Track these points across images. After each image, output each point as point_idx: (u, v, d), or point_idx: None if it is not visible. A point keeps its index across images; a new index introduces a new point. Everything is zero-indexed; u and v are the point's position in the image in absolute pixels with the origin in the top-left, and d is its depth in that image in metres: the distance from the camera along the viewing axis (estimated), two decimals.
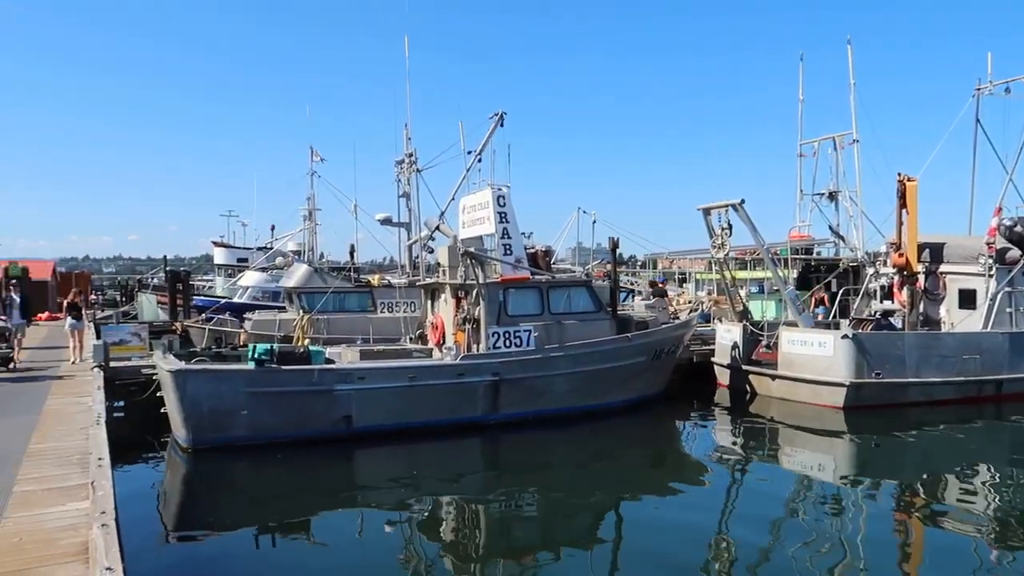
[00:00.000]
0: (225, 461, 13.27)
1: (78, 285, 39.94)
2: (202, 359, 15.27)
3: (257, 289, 35.97)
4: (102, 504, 6.05)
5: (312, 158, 33.99)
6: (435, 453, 14.63)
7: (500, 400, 15.66)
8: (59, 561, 5.37)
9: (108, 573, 4.58)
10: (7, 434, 9.64)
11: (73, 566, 5.26)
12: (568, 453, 15.18)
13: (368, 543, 10.04)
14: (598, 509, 11.55)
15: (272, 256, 41.59)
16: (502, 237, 16.48)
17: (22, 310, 18.55)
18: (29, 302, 19.91)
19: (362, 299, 26.37)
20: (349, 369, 14.84)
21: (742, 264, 30.87)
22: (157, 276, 57.47)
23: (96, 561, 4.94)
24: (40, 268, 44.53)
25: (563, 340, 16.49)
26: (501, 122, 18.67)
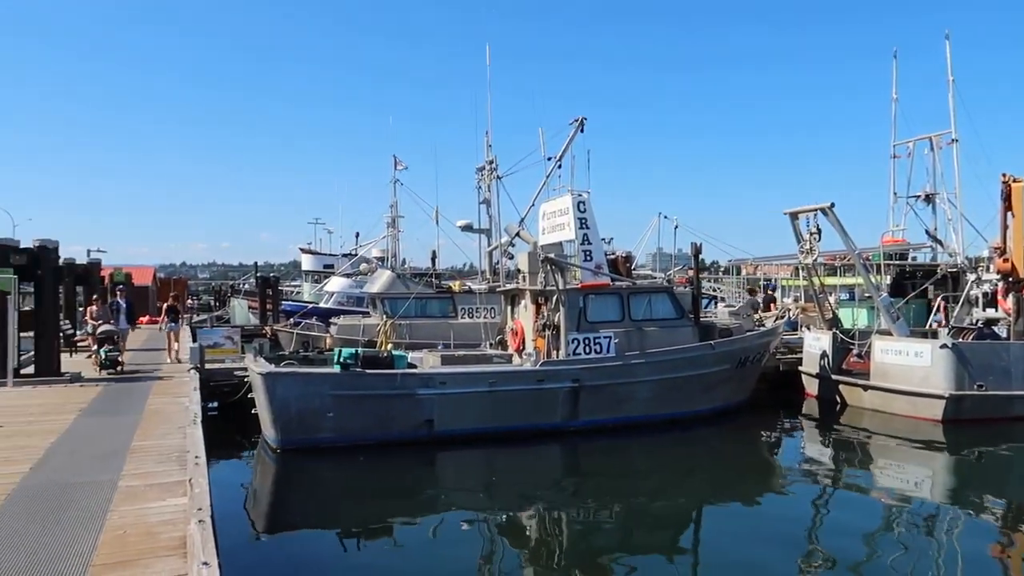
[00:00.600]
0: (312, 462, 13.65)
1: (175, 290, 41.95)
2: (290, 362, 15.77)
3: (342, 294, 36.96)
4: (199, 501, 6.31)
5: (395, 166, 34.72)
6: (515, 458, 14.66)
7: (580, 407, 15.58)
8: (159, 554, 5.61)
9: (204, 568, 4.77)
10: (114, 432, 10.18)
11: (172, 560, 5.50)
12: (649, 461, 14.97)
13: (448, 546, 10.12)
14: (680, 518, 11.34)
15: (357, 262, 42.63)
16: (582, 243, 16.44)
17: (128, 315, 19.43)
18: (134, 307, 21.02)
19: (443, 305, 26.73)
20: (431, 374, 15.04)
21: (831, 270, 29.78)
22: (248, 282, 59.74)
23: (193, 556, 5.14)
24: (141, 274, 47.02)
25: (644, 347, 16.29)
26: (581, 128, 18.62)
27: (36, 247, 15.83)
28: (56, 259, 16.85)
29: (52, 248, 16.25)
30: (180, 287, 57.09)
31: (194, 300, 66.64)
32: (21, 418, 11.37)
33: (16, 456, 8.82)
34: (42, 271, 15.78)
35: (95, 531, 6.15)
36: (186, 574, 5.15)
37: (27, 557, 5.61)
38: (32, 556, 5.63)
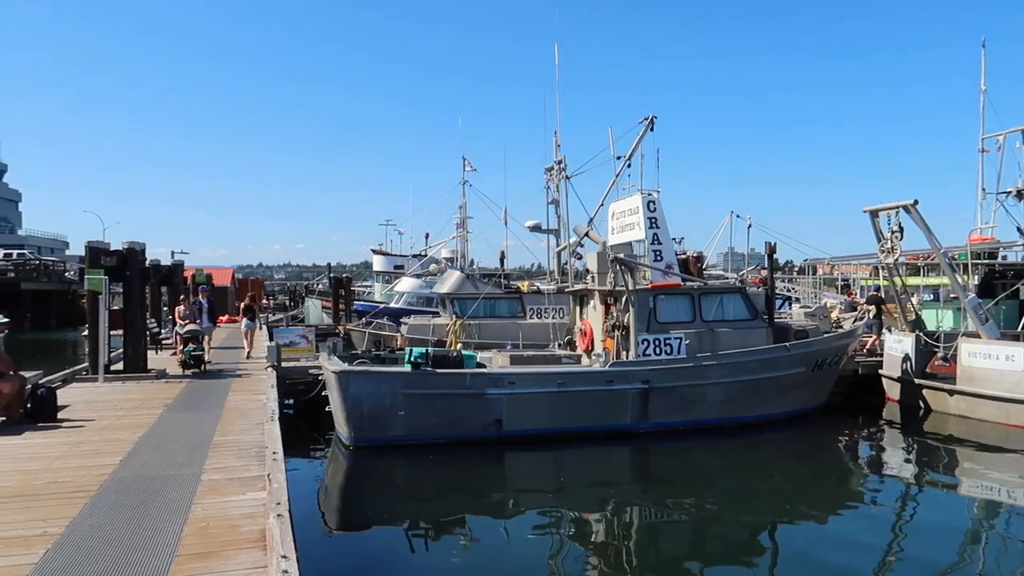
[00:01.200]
0: (384, 459, 13.88)
1: (253, 291, 43.34)
2: (363, 361, 16.08)
3: (412, 295, 37.46)
4: (277, 496, 6.49)
5: (464, 168, 35.00)
6: (583, 459, 14.59)
7: (650, 408, 15.40)
8: (240, 547, 5.80)
9: (283, 560, 4.91)
10: (197, 427, 10.58)
11: (252, 552, 5.67)
12: (721, 465, 14.68)
13: (516, 546, 10.14)
14: (753, 523, 11.06)
15: (426, 263, 43.17)
16: (652, 243, 16.25)
17: (209, 314, 20.03)
18: (215, 306, 21.76)
19: (512, 305, 26.80)
20: (500, 374, 15.10)
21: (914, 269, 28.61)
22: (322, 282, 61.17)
23: (273, 549, 5.29)
24: (221, 275, 48.73)
25: (716, 348, 15.99)
26: (651, 126, 18.38)
27: (125, 249, 16.56)
28: (143, 261, 17.61)
29: (139, 250, 16.99)
30: (257, 287, 59.05)
31: (270, 300, 68.71)
32: (112, 412, 11.93)
33: (108, 448, 9.26)
34: (130, 272, 16.50)
35: (180, 522, 6.39)
36: (266, 566, 5.30)
37: (119, 545, 5.87)
38: (123, 544, 5.89)
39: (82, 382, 15.51)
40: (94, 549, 5.79)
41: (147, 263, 19.17)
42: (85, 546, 5.85)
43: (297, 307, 59.18)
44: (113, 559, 5.59)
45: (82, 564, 5.49)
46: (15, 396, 10.97)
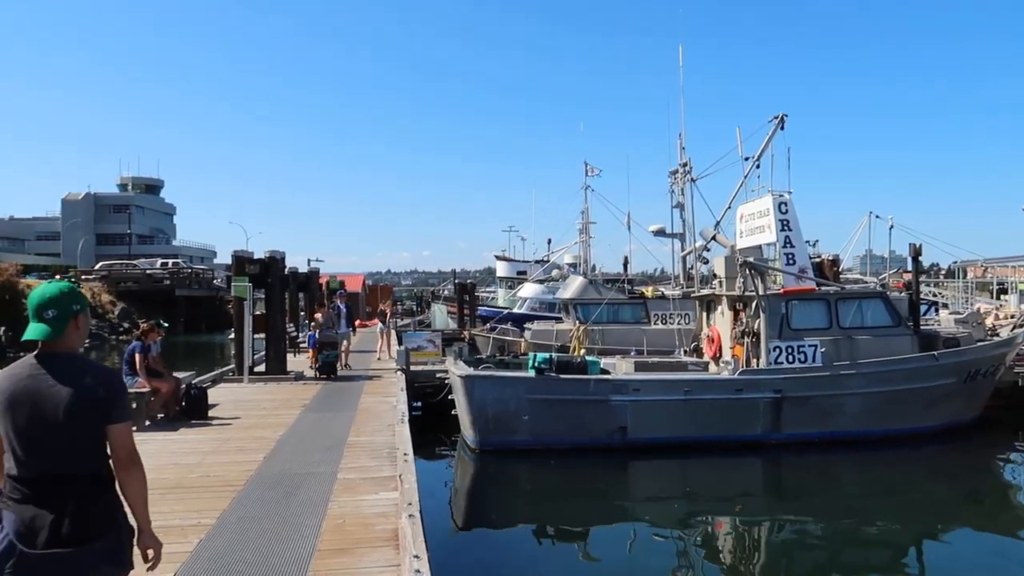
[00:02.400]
0: (508, 463, 14.02)
1: (382, 297, 45.00)
2: (488, 366, 16.30)
3: (535, 300, 37.65)
4: (409, 496, 6.66)
5: (586, 172, 34.85)
6: (711, 470, 14.17)
7: (783, 419, 14.74)
8: (374, 545, 5.99)
9: (416, 560, 5.02)
10: (334, 427, 11.05)
11: (385, 550, 5.84)
12: (861, 480, 13.85)
13: (640, 555, 9.97)
14: (895, 544, 10.37)
15: (548, 268, 43.32)
16: (784, 246, 15.55)
17: (347, 319, 20.41)
18: (352, 312, 22.71)
19: (636, 310, 26.40)
20: (624, 380, 14.91)
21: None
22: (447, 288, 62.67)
23: (405, 548, 5.43)
24: (353, 281, 50.89)
25: (855, 357, 15.10)
26: (781, 125, 17.60)
27: (267, 258, 17.60)
28: (283, 268, 18.66)
29: (280, 258, 18.00)
30: (386, 293, 61.30)
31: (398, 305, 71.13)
32: (256, 412, 12.67)
33: (252, 446, 9.83)
34: (271, 279, 17.51)
35: (319, 518, 6.68)
36: (399, 565, 5.43)
37: (263, 537, 6.20)
38: (268, 537, 6.21)
39: (229, 382, 16.59)
40: (242, 540, 6.14)
41: (286, 271, 20.28)
42: (234, 537, 6.21)
43: (424, 312, 60.91)
44: (259, 550, 5.91)
45: (231, 554, 5.83)
46: (171, 395, 11.86)
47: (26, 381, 3.11)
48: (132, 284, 53.55)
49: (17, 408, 3.06)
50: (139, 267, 58.83)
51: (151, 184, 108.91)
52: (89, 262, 71.93)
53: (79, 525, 3.01)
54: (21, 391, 3.09)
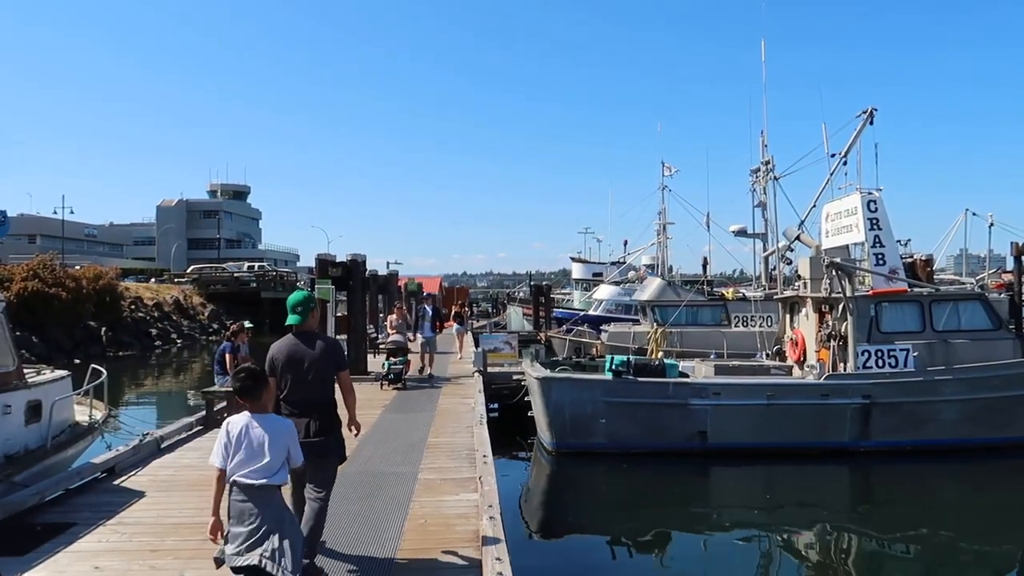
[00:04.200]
0: (585, 466, 13.93)
1: (459, 298, 45.50)
2: (564, 368, 16.26)
3: (611, 302, 37.41)
4: (489, 498, 6.70)
5: (663, 172, 34.39)
6: (796, 477, 13.73)
7: (872, 426, 14.17)
8: (456, 546, 6.05)
9: (498, 563, 5.04)
10: (413, 428, 11.23)
11: (467, 551, 5.89)
12: (958, 491, 13.18)
13: (719, 563, 9.75)
14: (990, 561, 9.80)
15: (624, 270, 42.97)
16: (873, 246, 14.95)
17: (433, 322, 18.72)
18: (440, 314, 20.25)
19: (715, 312, 25.91)
20: (704, 384, 14.62)
21: None
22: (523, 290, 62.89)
23: (486, 551, 5.46)
24: (430, 283, 51.65)
25: (951, 362, 14.39)
26: (871, 119, 16.93)
27: (349, 261, 18.04)
28: (364, 271, 19.09)
29: (361, 261, 18.43)
30: (463, 295, 61.94)
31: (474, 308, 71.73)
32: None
33: None
34: (353, 282, 17.94)
35: (401, 518, 6.80)
36: (480, 566, 5.47)
37: (348, 535, 6.35)
38: (353, 534, 6.36)
39: None
40: (328, 537, 6.28)
41: (366, 273, 20.73)
42: None
43: (500, 314, 61.29)
44: (345, 547, 6.06)
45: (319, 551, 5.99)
46: None
47: (293, 347, 5.51)
48: (221, 286, 55.69)
49: (291, 362, 5.45)
50: (227, 270, 61.22)
51: (238, 190, 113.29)
52: (182, 265, 75.31)
53: (321, 427, 5.42)
54: (291, 352, 5.48)
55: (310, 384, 5.41)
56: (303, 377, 5.40)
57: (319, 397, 5.45)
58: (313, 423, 5.35)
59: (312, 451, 5.08)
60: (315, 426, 5.35)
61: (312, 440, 5.23)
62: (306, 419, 5.32)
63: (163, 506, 7.19)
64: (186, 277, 57.15)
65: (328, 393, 5.54)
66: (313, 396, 5.42)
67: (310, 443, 5.13)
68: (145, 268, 69.72)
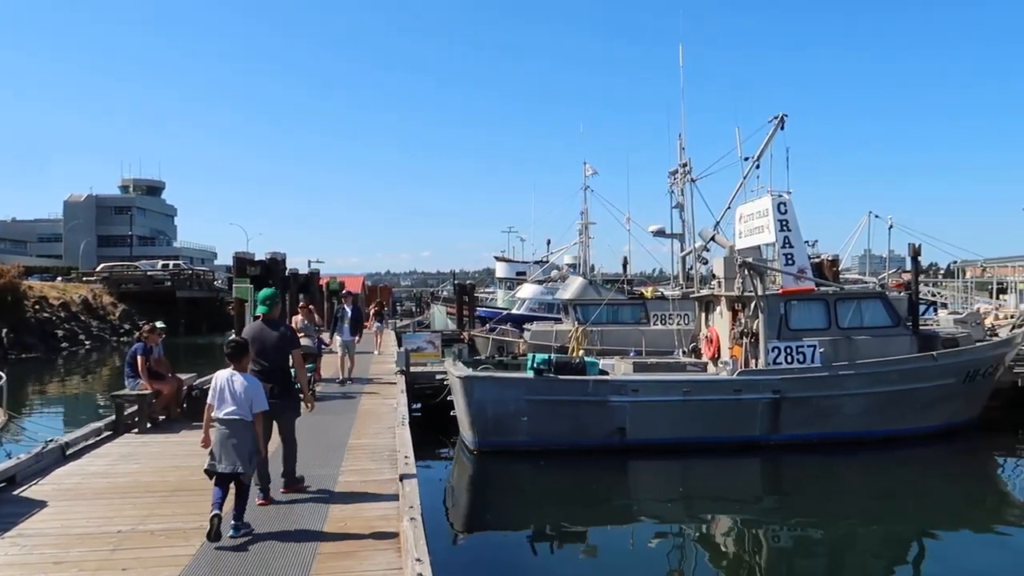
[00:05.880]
0: (507, 464, 14.05)
1: (381, 297, 45.05)
2: (487, 367, 16.34)
3: (534, 301, 37.70)
4: (410, 499, 6.70)
5: (585, 172, 34.93)
6: (710, 471, 14.21)
7: (781, 420, 14.79)
8: (376, 548, 6.03)
9: (418, 564, 5.06)
10: (334, 430, 11.06)
11: (388, 553, 5.88)
12: (860, 481, 13.89)
13: (638, 557, 10.02)
14: (892, 546, 10.40)
15: (548, 269, 43.37)
16: (783, 246, 15.59)
17: (353, 323, 16.90)
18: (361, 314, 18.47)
19: (635, 311, 26.45)
20: (623, 381, 14.96)
21: None
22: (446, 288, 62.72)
23: (407, 552, 5.47)
24: (353, 282, 50.92)
25: (854, 357, 15.15)
26: (781, 125, 17.66)
27: (268, 259, 17.68)
28: (284, 270, 18.73)
29: (281, 260, 18.08)
30: (386, 294, 61.33)
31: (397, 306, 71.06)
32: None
33: None
34: (272, 281, 17.59)
35: (320, 521, 6.73)
36: (401, 568, 5.48)
37: (266, 540, 6.24)
38: (271, 539, 6.25)
39: None
40: (243, 543, 6.18)
41: (287, 272, 20.32)
42: (237, 540, 6.25)
43: (423, 313, 60.95)
44: (261, 553, 5.95)
45: (232, 556, 5.88)
46: (173, 397, 11.90)
47: (260, 331, 7.47)
48: (133, 286, 53.46)
49: (257, 341, 7.31)
50: (140, 268, 58.83)
51: (152, 186, 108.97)
52: (91, 263, 71.97)
53: (281, 391, 7.31)
54: (259, 335, 7.41)
55: (271, 359, 7.32)
56: (266, 354, 7.30)
57: (277, 368, 7.39)
58: (274, 387, 7.14)
59: (275, 408, 7.06)
60: (277, 389, 7.19)
61: (272, 400, 6.97)
62: (269, 385, 7.00)
63: (67, 516, 6.90)
64: (95, 276, 54.55)
65: (285, 366, 7.53)
66: (273, 368, 7.32)
67: (273, 402, 6.97)
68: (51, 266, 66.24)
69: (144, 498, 7.50)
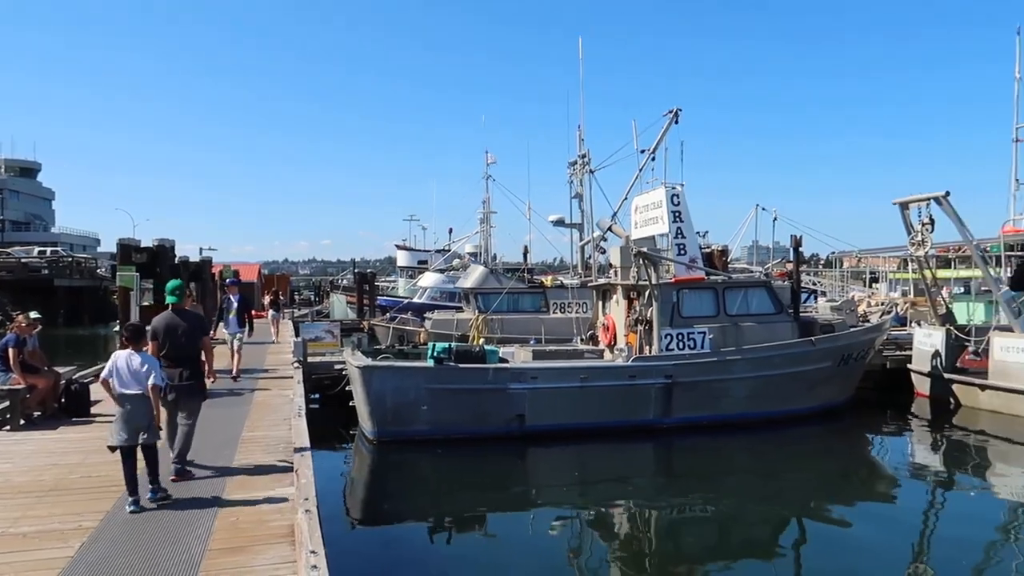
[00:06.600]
0: (407, 453, 13.98)
1: (278, 286, 43.83)
2: (386, 356, 16.20)
3: (435, 290, 37.59)
4: (305, 491, 6.59)
5: (487, 161, 35.04)
6: (606, 455, 14.60)
7: (673, 403, 15.35)
8: (270, 541, 5.91)
9: (312, 556, 5.00)
10: (226, 423, 10.71)
11: (281, 547, 5.77)
12: (745, 461, 14.62)
13: (537, 541, 10.20)
14: (776, 521, 11.02)
15: (450, 258, 43.31)
16: (676, 237, 16.14)
17: (240, 314, 15.87)
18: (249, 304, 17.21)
19: (535, 300, 26.81)
20: (522, 368, 15.15)
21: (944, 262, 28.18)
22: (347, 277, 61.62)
23: (301, 544, 5.39)
24: (248, 271, 49.28)
25: (740, 343, 15.89)
26: (676, 119, 18.25)
27: (155, 246, 16.87)
28: (173, 257, 17.92)
29: (169, 247, 17.29)
30: (283, 283, 59.64)
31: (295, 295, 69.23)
32: None
33: None
34: (161, 269, 16.81)
35: (211, 517, 6.52)
36: (295, 561, 5.39)
37: (151, 539, 6.01)
38: (156, 538, 6.02)
39: None
40: (127, 543, 5.93)
41: (176, 260, 19.46)
42: (119, 540, 5.99)
43: (322, 302, 59.69)
44: (146, 552, 5.73)
45: (116, 557, 5.63)
46: (50, 392, 11.21)
47: (170, 319, 7.86)
48: (5, 273, 49.85)
49: (168, 329, 7.78)
50: (14, 255, 54.87)
51: (26, 167, 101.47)
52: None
53: (190, 375, 7.83)
54: (169, 323, 7.82)
55: (182, 345, 7.81)
56: (177, 341, 7.77)
57: (188, 354, 7.88)
58: (184, 371, 7.76)
59: (183, 391, 7.75)
60: (186, 374, 7.78)
61: (184, 384, 7.71)
62: (179, 369, 7.71)
63: None
64: None
65: (194, 352, 7.98)
66: (183, 354, 7.82)
67: (182, 385, 7.72)
68: None
69: (16, 499, 7.07)
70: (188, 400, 7.86)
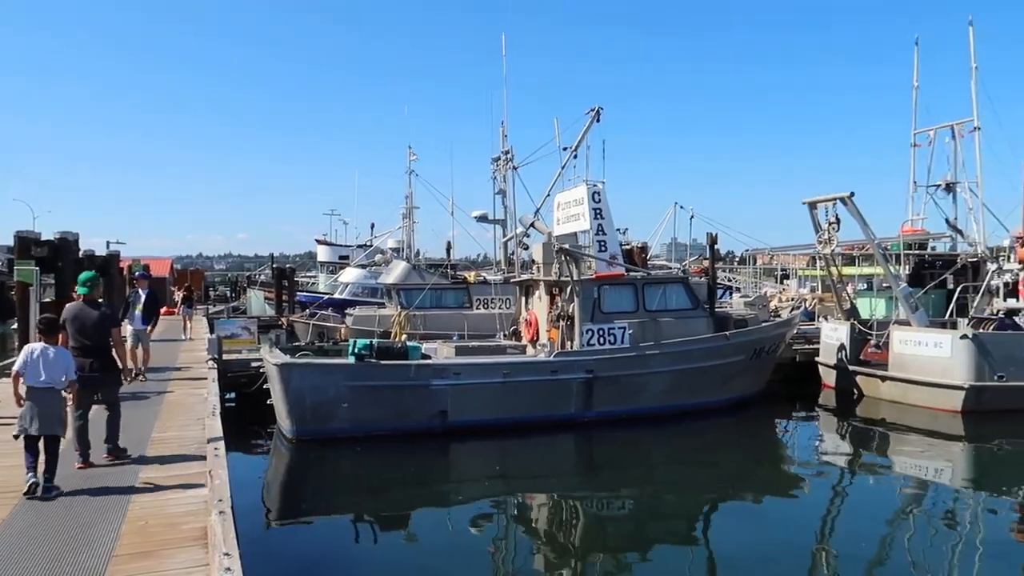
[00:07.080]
0: (327, 452, 13.74)
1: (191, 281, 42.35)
2: (305, 353, 15.86)
3: (357, 285, 37.02)
4: (219, 492, 6.37)
5: (409, 156, 34.71)
6: (528, 449, 14.71)
7: (594, 398, 15.59)
8: (181, 545, 5.69)
9: (226, 558, 4.83)
10: (135, 423, 10.22)
11: (194, 550, 5.57)
12: (663, 453, 14.98)
13: (460, 537, 10.20)
14: (693, 510, 11.36)
15: (371, 253, 42.73)
16: (597, 233, 16.38)
17: (148, 310, 14.05)
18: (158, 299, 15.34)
19: (458, 295, 26.73)
20: (445, 365, 15.09)
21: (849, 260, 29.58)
22: (264, 273, 60.03)
23: (215, 547, 5.21)
24: (159, 265, 47.45)
25: (659, 338, 16.26)
26: (597, 117, 18.54)
27: (57, 239, 16.02)
28: (76, 251, 17.05)
29: (73, 240, 16.44)
30: (196, 278, 57.56)
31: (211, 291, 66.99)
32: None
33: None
34: (63, 263, 15.97)
35: (118, 521, 6.23)
36: (208, 565, 5.21)
37: (52, 546, 5.70)
38: (57, 545, 5.72)
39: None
40: (27, 550, 5.61)
41: (80, 254, 18.53)
42: (17, 546, 5.66)
43: (239, 299, 57.99)
44: (47, 560, 5.43)
45: (14, 565, 5.32)
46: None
47: (80, 310, 7.96)
48: None
49: (77, 320, 7.87)
50: None
51: None
52: None
53: (100, 366, 7.94)
54: (78, 314, 7.92)
55: (90, 337, 7.87)
56: (86, 332, 7.86)
57: (97, 345, 7.93)
58: (94, 362, 7.85)
59: (93, 381, 7.85)
60: (96, 364, 7.88)
61: (92, 374, 7.81)
62: (89, 359, 7.80)
63: None
64: None
65: (104, 343, 8.01)
66: (92, 345, 7.89)
67: (91, 376, 7.78)
68: None
69: None
70: (103, 389, 8.06)
